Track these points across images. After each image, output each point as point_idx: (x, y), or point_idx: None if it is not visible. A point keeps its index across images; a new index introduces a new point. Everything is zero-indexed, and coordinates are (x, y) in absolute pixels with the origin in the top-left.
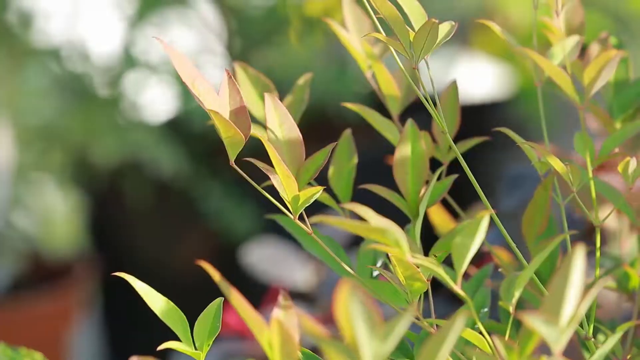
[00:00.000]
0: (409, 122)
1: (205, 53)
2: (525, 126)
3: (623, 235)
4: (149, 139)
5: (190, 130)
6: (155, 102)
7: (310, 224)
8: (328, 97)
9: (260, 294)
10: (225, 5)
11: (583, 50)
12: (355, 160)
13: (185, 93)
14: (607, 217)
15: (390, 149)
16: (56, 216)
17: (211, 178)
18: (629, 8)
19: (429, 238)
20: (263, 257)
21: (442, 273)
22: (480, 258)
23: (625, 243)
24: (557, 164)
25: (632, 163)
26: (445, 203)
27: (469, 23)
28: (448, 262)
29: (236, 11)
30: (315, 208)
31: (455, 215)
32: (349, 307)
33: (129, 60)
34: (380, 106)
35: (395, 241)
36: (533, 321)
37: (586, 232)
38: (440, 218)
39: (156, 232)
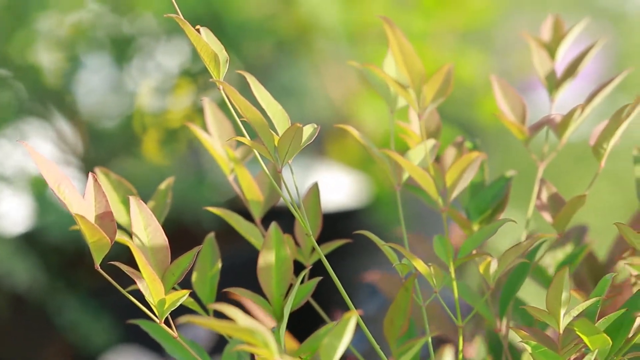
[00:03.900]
0: (273, 225)
1: (61, 165)
2: (383, 233)
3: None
4: (3, 252)
5: (45, 242)
6: (10, 215)
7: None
8: (185, 206)
9: None
10: (78, 117)
11: (437, 157)
12: (219, 264)
13: (41, 204)
14: (469, 318)
15: (253, 253)
16: None
17: (67, 290)
18: (478, 119)
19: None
20: None
21: None
22: None
23: (471, 344)
24: (419, 266)
25: (494, 264)
26: (308, 306)
27: (324, 132)
28: None
29: (90, 123)
30: (178, 313)
31: (318, 318)
32: None
33: None
34: (239, 213)
35: (263, 342)
36: None
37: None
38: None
39: (11, 346)
